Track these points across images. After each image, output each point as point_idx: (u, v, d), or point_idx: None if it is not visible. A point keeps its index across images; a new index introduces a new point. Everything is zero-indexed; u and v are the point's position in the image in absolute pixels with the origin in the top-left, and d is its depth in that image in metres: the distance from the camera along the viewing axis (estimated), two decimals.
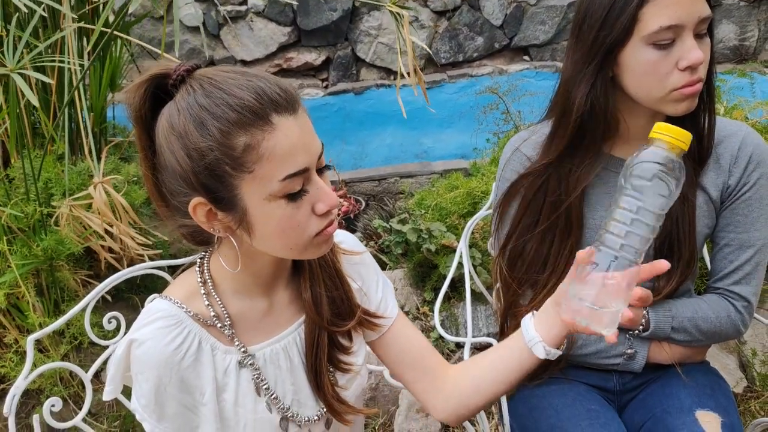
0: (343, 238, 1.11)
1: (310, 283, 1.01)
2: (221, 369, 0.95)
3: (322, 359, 1.01)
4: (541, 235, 1.26)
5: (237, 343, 0.96)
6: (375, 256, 2.78)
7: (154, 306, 0.94)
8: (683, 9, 1.06)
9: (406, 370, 1.11)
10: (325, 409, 1.03)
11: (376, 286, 1.12)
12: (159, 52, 2.21)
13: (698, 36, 1.09)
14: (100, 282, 1.32)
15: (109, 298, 2.21)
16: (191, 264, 1.02)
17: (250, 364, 0.97)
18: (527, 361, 1.00)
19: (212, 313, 0.95)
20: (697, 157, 1.22)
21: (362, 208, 3.28)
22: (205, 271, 0.98)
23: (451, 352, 2.35)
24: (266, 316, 1.01)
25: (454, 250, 2.27)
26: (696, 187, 1.23)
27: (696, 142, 1.19)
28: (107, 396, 0.98)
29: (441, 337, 1.77)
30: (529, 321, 1.01)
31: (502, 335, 1.38)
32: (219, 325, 0.96)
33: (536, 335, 0.98)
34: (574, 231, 1.24)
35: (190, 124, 0.82)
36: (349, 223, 3.09)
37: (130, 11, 1.97)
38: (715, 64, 1.17)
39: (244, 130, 0.81)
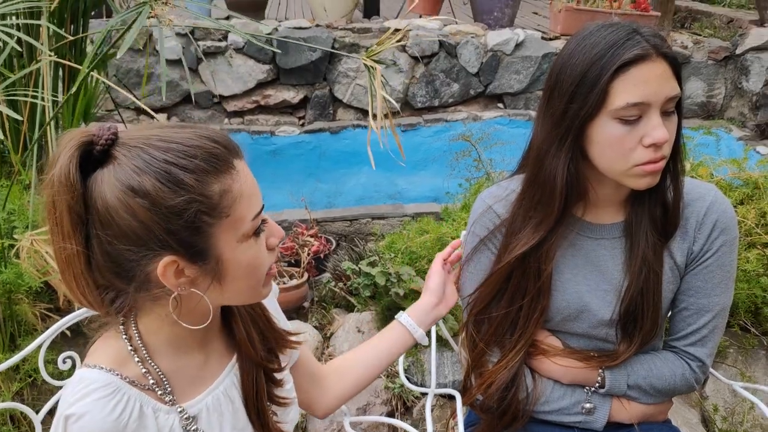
0: None
1: (243, 323, 1.03)
2: (166, 428, 0.93)
3: (263, 398, 1.02)
4: (510, 298, 1.26)
5: (178, 408, 0.94)
6: (343, 298, 2.76)
7: (85, 377, 0.88)
8: (651, 88, 1.06)
9: (308, 387, 1.20)
10: None
11: (278, 314, 1.15)
12: (132, 93, 2.20)
13: (665, 113, 1.09)
14: (60, 316, 1.30)
15: (68, 333, 2.15)
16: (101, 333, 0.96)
17: (194, 430, 0.95)
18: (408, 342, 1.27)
19: (151, 381, 0.92)
20: (662, 231, 1.21)
21: (332, 248, 3.26)
22: (135, 336, 0.93)
23: (416, 399, 2.33)
24: (202, 369, 0.99)
25: None
26: (662, 258, 1.22)
27: (661, 217, 1.20)
28: None
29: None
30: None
31: (465, 392, 1.37)
32: (159, 392, 0.93)
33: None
34: (544, 294, 1.24)
35: (158, 182, 0.79)
36: (318, 263, 3.06)
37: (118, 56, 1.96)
38: (682, 139, 1.17)
39: (215, 176, 0.83)
